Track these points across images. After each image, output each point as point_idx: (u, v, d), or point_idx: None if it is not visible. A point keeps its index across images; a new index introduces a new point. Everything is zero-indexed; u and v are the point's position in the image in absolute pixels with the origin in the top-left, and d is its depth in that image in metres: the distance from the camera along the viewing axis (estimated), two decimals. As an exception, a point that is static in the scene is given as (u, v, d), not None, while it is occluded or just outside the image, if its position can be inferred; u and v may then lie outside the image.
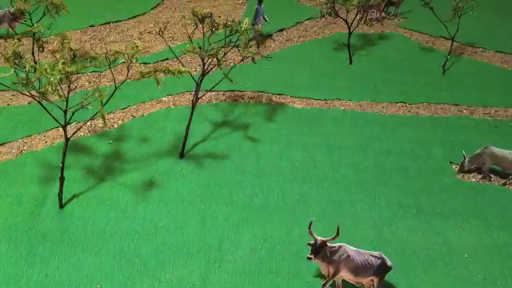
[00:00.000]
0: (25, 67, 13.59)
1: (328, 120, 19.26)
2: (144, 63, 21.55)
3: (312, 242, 12.34)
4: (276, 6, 27.05)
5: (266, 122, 19.06)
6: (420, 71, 22.33)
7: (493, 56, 23.59)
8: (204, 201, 15.83)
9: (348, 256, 12.39)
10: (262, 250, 14.31)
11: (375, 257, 12.59)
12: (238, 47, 16.79)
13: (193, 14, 16.64)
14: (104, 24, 25.41)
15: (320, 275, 13.49)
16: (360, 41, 24.36)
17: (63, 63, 13.26)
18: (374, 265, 12.47)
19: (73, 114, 14.28)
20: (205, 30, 16.53)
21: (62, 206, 15.43)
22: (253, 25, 23.49)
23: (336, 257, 12.34)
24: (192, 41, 16.32)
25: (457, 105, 20.36)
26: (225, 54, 17.02)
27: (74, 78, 14.05)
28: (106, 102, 14.07)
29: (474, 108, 20.18)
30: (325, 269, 12.68)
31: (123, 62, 14.42)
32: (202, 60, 16.40)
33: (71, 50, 13.86)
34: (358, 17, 22.25)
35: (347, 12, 21.79)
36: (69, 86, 13.96)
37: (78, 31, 24.84)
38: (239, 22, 16.53)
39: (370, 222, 15.28)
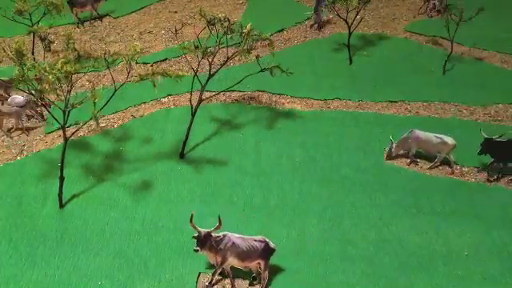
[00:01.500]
0: (25, 65, 13.63)
1: (328, 120, 19.23)
2: (144, 63, 21.59)
3: (196, 234, 12.58)
4: (276, 6, 27.05)
5: (266, 122, 19.05)
6: (420, 71, 22.28)
7: (493, 56, 23.55)
8: (204, 201, 15.83)
9: (233, 243, 12.83)
10: (262, 250, 14.31)
11: (259, 241, 13.03)
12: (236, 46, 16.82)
13: (200, 15, 16.56)
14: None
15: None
16: (360, 41, 24.32)
17: (62, 62, 13.29)
18: (259, 248, 12.95)
19: (68, 113, 14.28)
20: (212, 31, 16.56)
21: (62, 206, 15.46)
22: (315, 10, 24.51)
23: (222, 245, 12.76)
24: (199, 40, 16.37)
25: (457, 105, 20.33)
26: (228, 58, 16.99)
27: (74, 77, 14.08)
28: (106, 104, 14.11)
29: (474, 108, 20.15)
30: (213, 258, 13.00)
31: (122, 61, 14.45)
32: (209, 62, 16.47)
33: (75, 50, 13.90)
34: (358, 16, 22.19)
35: (347, 12, 21.77)
36: (68, 85, 13.98)
37: (78, 30, 24.86)
38: (241, 26, 16.49)
39: (370, 222, 15.26)
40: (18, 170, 16.78)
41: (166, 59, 22.43)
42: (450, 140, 16.79)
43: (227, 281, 13.51)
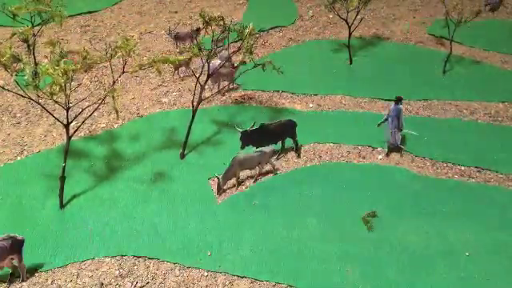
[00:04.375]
0: (36, 70, 13.59)
1: (328, 120, 19.20)
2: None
3: None
4: (276, 6, 27.07)
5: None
6: (420, 72, 22.25)
7: (493, 56, 23.55)
8: (204, 201, 15.83)
9: None
10: (263, 250, 14.31)
11: (5, 239, 12.91)
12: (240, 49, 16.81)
13: (200, 16, 16.57)
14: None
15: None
16: (360, 41, 24.33)
17: (64, 62, 13.32)
18: (7, 246, 12.84)
19: (81, 111, 14.31)
20: (209, 31, 16.58)
21: (62, 207, 15.44)
22: None
23: None
24: (202, 41, 16.46)
25: (457, 105, 20.31)
26: (228, 58, 16.96)
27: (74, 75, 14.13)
28: (102, 101, 14.12)
29: (474, 108, 20.13)
30: None
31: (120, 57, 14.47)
32: (207, 62, 16.49)
33: (61, 52, 13.88)
34: (358, 16, 22.18)
35: (347, 12, 21.78)
36: (70, 84, 14.00)
37: (79, 30, 24.90)
38: (244, 27, 16.47)
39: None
40: (19, 170, 16.80)
41: (166, 59, 22.40)
42: (267, 149, 16.67)
43: None
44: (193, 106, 17.04)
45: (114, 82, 14.57)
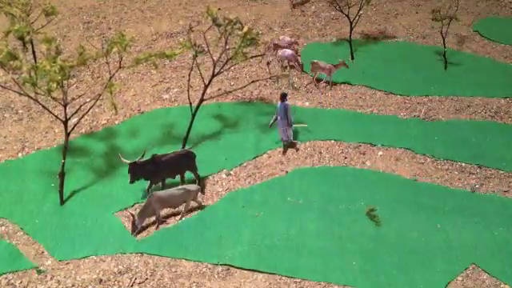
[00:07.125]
0: (33, 67, 13.64)
1: (329, 118, 19.09)
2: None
3: None
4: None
5: (266, 119, 18.95)
6: (422, 67, 22.12)
7: (495, 51, 23.40)
8: (204, 198, 15.85)
9: None
10: (261, 246, 14.34)
11: None
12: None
13: (207, 13, 16.53)
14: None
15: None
16: (362, 37, 24.23)
17: (61, 59, 13.38)
18: None
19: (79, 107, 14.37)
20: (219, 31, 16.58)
21: (62, 203, 15.53)
22: None
23: None
24: (206, 39, 16.48)
25: (458, 101, 20.21)
26: (228, 59, 16.83)
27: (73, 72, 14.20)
28: (99, 97, 14.17)
29: (476, 104, 20.02)
30: None
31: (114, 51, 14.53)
32: (213, 61, 16.56)
33: (57, 48, 13.93)
34: (360, 12, 22.10)
35: (348, 7, 21.71)
36: (67, 80, 14.06)
37: (81, 27, 24.94)
38: (240, 28, 16.41)
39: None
40: (20, 166, 16.89)
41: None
42: (192, 187, 15.26)
43: None
44: (190, 104, 17.05)
45: (110, 78, 14.61)
